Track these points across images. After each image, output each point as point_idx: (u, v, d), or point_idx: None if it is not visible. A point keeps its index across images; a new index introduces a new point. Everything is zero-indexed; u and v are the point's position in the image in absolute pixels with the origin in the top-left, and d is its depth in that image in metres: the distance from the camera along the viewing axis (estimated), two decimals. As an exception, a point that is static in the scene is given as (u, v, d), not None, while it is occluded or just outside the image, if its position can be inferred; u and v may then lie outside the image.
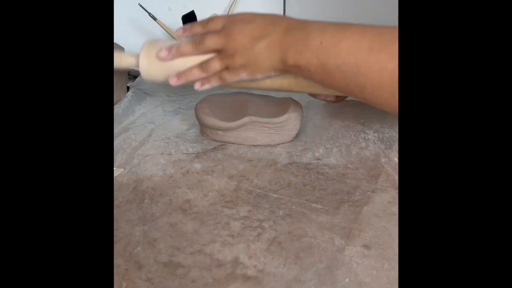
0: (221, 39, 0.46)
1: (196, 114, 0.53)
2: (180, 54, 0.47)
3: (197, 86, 0.48)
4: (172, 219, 0.38)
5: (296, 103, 0.53)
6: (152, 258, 0.33)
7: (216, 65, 0.47)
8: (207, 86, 0.48)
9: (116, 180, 0.44)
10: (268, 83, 0.50)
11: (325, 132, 0.55)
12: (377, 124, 0.55)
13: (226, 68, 0.47)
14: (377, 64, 0.37)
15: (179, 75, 0.48)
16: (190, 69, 0.48)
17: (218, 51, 0.46)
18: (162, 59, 0.48)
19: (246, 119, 0.50)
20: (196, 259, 0.33)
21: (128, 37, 0.71)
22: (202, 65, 0.48)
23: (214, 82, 0.48)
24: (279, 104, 0.54)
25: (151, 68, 0.50)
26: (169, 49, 0.47)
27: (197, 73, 0.48)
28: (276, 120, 0.50)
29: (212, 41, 0.46)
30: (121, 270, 0.32)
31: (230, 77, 0.47)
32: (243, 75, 0.47)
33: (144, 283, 0.30)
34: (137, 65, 0.50)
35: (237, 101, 0.55)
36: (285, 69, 0.45)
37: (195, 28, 0.48)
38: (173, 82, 0.49)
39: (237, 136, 0.52)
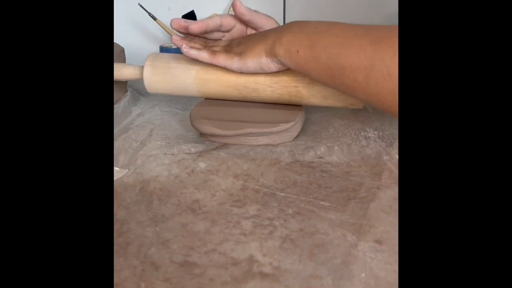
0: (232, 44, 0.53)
1: (191, 122, 0.51)
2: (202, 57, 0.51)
3: (184, 45, 0.50)
4: (183, 219, 0.38)
5: (300, 107, 0.54)
6: (168, 258, 0.33)
7: (217, 47, 0.53)
8: (193, 52, 0.50)
9: (122, 181, 0.43)
10: (268, 92, 0.52)
11: (324, 131, 0.56)
12: (376, 122, 0.56)
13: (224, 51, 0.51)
14: (358, 47, 0.40)
15: (185, 30, 0.53)
16: (196, 38, 0.54)
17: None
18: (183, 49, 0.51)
19: (245, 131, 0.49)
20: (211, 258, 0.33)
21: (128, 37, 0.71)
22: (208, 41, 0.54)
23: (204, 54, 0.50)
24: (281, 106, 0.54)
25: (155, 80, 0.50)
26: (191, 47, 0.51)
27: (199, 43, 0.53)
28: (277, 129, 0.50)
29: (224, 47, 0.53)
30: (137, 271, 0.31)
31: (222, 58, 0.50)
32: (235, 61, 0.50)
33: (162, 283, 0.30)
34: (141, 77, 0.52)
35: (236, 102, 0.55)
36: (276, 53, 0.47)
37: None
38: (174, 24, 0.52)
39: (237, 139, 0.51)
